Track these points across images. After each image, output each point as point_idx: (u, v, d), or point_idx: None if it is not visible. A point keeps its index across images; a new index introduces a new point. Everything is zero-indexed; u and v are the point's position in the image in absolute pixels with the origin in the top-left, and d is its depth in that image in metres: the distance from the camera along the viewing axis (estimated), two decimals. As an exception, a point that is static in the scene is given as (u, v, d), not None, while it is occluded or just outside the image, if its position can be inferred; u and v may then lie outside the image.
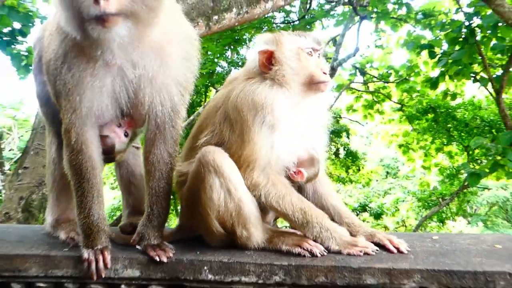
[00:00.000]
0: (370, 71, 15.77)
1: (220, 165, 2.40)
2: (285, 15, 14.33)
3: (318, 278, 2.25)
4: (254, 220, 2.46)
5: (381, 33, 15.66)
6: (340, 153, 16.63)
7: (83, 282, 2.42)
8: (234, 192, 2.41)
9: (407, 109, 15.35)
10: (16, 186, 5.74)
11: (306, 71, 2.59)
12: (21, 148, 16.49)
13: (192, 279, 2.34)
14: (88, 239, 2.45)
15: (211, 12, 6.60)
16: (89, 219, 2.45)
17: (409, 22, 13.21)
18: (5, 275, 2.42)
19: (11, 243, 2.58)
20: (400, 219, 19.33)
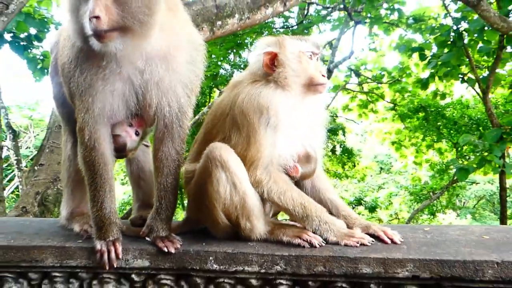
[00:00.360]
0: (365, 73, 15.76)
1: (226, 160, 2.41)
2: (284, 20, 14.32)
3: (316, 267, 2.25)
4: (257, 212, 2.46)
5: (374, 37, 15.63)
6: (336, 150, 16.61)
7: (96, 272, 2.42)
8: (239, 185, 2.41)
9: (399, 108, 15.32)
10: (33, 182, 5.74)
11: (306, 73, 2.60)
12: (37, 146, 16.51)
13: (198, 268, 2.34)
14: (101, 231, 2.45)
15: (215, 18, 6.59)
16: (101, 212, 2.46)
17: (400, 27, 13.20)
18: (23, 265, 2.42)
19: (28, 236, 2.58)
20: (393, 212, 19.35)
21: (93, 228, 2.50)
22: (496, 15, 7.57)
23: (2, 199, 10.87)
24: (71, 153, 2.91)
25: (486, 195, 21.12)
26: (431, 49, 10.66)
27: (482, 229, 2.67)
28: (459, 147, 13.92)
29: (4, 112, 12.45)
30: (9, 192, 16.89)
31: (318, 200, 2.68)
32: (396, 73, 14.66)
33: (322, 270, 2.24)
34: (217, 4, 6.61)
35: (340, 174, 17.57)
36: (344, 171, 17.62)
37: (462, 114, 14.12)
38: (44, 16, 9.88)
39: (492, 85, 9.96)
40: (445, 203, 18.34)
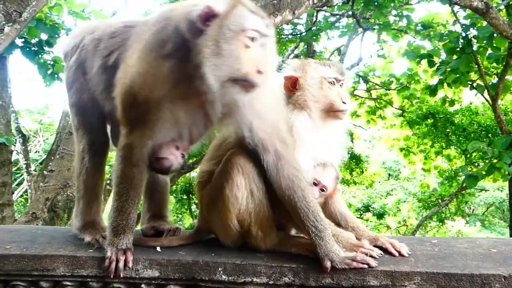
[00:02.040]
0: (373, 79, 15.77)
1: (247, 167, 2.46)
2: (293, 27, 14.36)
3: (324, 279, 2.27)
4: (270, 222, 2.50)
5: (383, 44, 15.64)
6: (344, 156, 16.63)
7: (106, 281, 2.46)
8: (256, 193, 2.47)
9: (408, 115, 15.30)
10: (43, 188, 5.81)
11: (326, 100, 2.67)
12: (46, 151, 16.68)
13: (207, 279, 2.37)
14: (117, 238, 2.47)
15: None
16: (126, 222, 2.49)
17: (409, 33, 13.21)
18: (35, 274, 2.46)
19: (41, 244, 2.62)
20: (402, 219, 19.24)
21: (108, 235, 2.53)
22: (505, 23, 7.57)
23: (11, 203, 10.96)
24: (89, 165, 2.93)
25: (496, 202, 20.93)
26: (439, 55, 10.65)
27: (489, 242, 2.67)
28: (468, 154, 13.86)
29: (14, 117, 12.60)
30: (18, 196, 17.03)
31: (328, 212, 2.71)
32: (405, 80, 14.64)
33: (330, 282, 2.26)
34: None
35: (348, 180, 17.55)
36: (352, 177, 17.60)
37: (471, 121, 14.07)
38: (55, 22, 10.01)
39: (501, 92, 9.93)
40: (454, 210, 18.23)
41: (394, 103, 15.87)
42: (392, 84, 15.19)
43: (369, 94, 16.14)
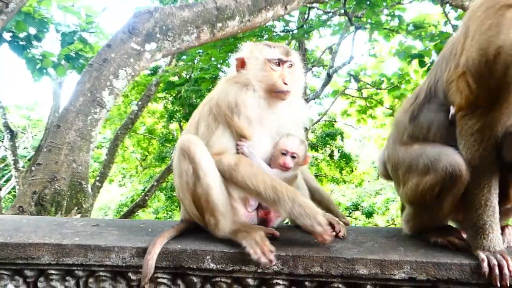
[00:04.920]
0: (364, 78, 15.80)
1: (193, 152, 2.48)
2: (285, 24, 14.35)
3: (313, 268, 2.25)
4: (222, 208, 2.48)
5: (374, 43, 15.70)
6: (334, 155, 16.65)
7: (91, 270, 2.42)
8: (203, 177, 2.46)
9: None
10: (30, 181, 5.71)
11: (268, 80, 2.71)
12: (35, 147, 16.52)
13: (195, 267, 2.34)
14: (487, 239, 2.25)
15: (215, 20, 6.61)
16: (493, 218, 2.26)
17: (400, 33, 13.25)
18: (19, 263, 2.42)
19: (25, 233, 2.58)
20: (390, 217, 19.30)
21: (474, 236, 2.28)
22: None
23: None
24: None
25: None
26: (431, 56, 10.69)
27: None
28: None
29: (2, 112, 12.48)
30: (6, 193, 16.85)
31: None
32: (395, 80, 14.70)
33: (319, 270, 2.25)
34: (218, 6, 6.63)
35: (337, 179, 17.58)
36: (342, 176, 17.64)
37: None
38: (44, 16, 9.90)
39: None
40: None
41: (384, 102, 15.92)
42: (383, 84, 15.23)
43: (360, 93, 16.18)
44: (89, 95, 5.84)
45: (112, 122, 16.75)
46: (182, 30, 6.40)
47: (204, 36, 6.60)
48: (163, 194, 17.17)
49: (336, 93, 15.49)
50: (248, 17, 6.97)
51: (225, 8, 6.69)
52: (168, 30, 6.28)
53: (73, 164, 5.79)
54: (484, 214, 2.24)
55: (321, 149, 16.57)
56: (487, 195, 2.25)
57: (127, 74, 6.13)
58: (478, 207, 2.25)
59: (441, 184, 2.28)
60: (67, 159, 5.74)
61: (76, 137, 5.76)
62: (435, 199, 2.34)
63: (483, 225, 2.24)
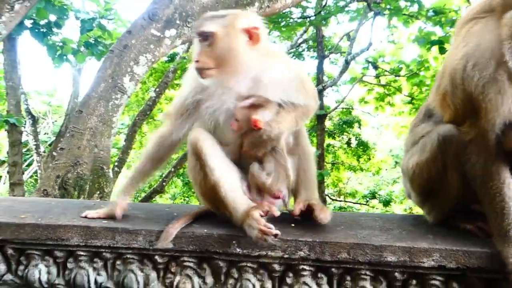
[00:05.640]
0: (382, 65, 15.60)
1: (199, 148, 2.43)
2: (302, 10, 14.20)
3: (340, 254, 2.23)
4: (232, 203, 2.41)
5: (393, 29, 15.45)
6: (351, 142, 16.54)
7: (119, 252, 2.43)
8: (210, 174, 2.42)
9: (417, 102, 15.15)
10: (53, 166, 5.79)
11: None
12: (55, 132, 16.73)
13: (221, 252, 2.34)
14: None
15: (234, 5, 6.55)
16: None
17: (420, 19, 13.01)
18: (49, 243, 2.45)
19: (55, 215, 2.60)
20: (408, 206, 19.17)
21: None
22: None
23: (22, 182, 11.06)
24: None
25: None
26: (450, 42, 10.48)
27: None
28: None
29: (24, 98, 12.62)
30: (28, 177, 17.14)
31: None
32: (414, 66, 14.48)
33: (346, 257, 2.23)
34: (238, -8, 6.58)
35: (354, 167, 17.50)
36: (359, 164, 17.54)
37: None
38: (64, 3, 9.94)
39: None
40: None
41: (403, 90, 15.72)
42: (402, 71, 15.03)
43: (378, 80, 16.00)
44: (110, 81, 5.87)
45: (130, 108, 16.86)
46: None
47: (223, 22, 6.55)
48: (180, 180, 17.30)
49: (353, 80, 15.34)
50: (268, 3, 6.90)
51: (245, -7, 6.64)
52: (188, 16, 6.25)
53: (95, 149, 5.85)
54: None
55: (338, 136, 16.49)
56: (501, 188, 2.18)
57: (147, 60, 6.14)
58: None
59: (439, 151, 2.33)
60: (89, 144, 5.80)
61: (98, 123, 5.81)
62: (440, 173, 2.36)
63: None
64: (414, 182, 2.55)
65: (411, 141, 2.66)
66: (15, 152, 10.75)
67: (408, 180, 2.61)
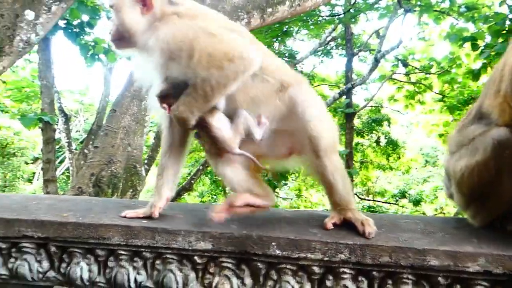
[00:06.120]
0: (412, 63, 15.34)
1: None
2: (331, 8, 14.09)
3: (382, 258, 2.19)
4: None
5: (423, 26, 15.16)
6: (380, 141, 16.33)
7: (159, 252, 2.45)
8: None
9: (448, 100, 14.83)
10: (88, 164, 5.91)
11: None
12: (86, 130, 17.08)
13: (260, 253, 2.33)
14: None
15: (265, 5, 6.55)
16: None
17: (452, 15, 12.73)
18: (91, 242, 2.49)
19: (96, 214, 2.64)
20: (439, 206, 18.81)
21: None
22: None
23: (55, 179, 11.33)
24: None
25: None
26: (484, 38, 10.22)
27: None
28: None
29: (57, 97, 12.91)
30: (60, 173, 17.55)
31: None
32: (446, 64, 14.17)
33: (388, 260, 2.19)
34: (268, -10, 6.56)
35: (384, 165, 17.26)
36: (389, 163, 17.30)
37: (515, 107, 13.52)
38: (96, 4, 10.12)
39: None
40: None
41: (434, 87, 15.42)
42: (432, 68, 14.74)
43: (408, 78, 15.73)
44: (143, 80, 5.95)
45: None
46: (233, 16, 6.37)
47: (254, 21, 6.55)
48: (208, 178, 17.41)
49: (383, 78, 15.12)
50: (298, 1, 6.86)
51: (276, -8, 6.61)
52: (220, 15, 6.27)
53: (128, 147, 5.95)
54: None
55: (367, 135, 16.29)
56: None
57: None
58: None
59: (494, 155, 2.24)
60: (122, 143, 5.90)
61: (131, 122, 5.91)
62: (494, 177, 2.28)
63: None
64: (462, 185, 2.47)
65: (458, 142, 2.58)
66: (49, 150, 11.02)
67: (455, 182, 2.54)
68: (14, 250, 2.58)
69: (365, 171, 17.40)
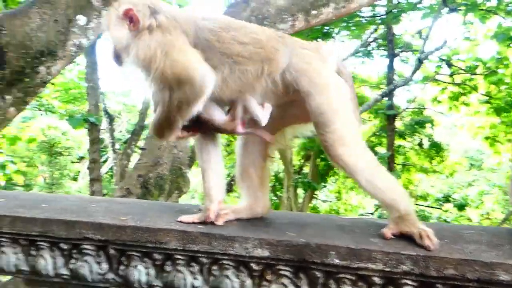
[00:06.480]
0: (457, 63, 14.88)
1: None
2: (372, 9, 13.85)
3: (447, 270, 2.11)
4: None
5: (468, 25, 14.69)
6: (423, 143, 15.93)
7: (215, 257, 2.45)
8: None
9: (495, 101, 14.29)
10: (136, 165, 6.03)
11: None
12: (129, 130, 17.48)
13: (319, 262, 2.29)
14: None
15: (310, 7, 6.49)
16: None
17: (499, 14, 12.28)
18: (149, 246, 2.51)
19: (152, 218, 2.67)
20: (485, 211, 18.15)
21: None
22: None
23: (100, 178, 11.65)
24: None
25: None
26: (533, 37, 9.81)
27: None
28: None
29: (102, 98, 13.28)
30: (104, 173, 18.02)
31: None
32: (493, 64, 13.68)
33: (453, 273, 2.10)
34: (313, -7, 6.50)
35: (426, 169, 16.82)
36: (432, 166, 16.85)
37: None
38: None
39: None
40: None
41: (479, 88, 14.90)
42: (478, 69, 14.25)
43: (452, 79, 15.27)
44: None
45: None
46: (277, 19, 6.35)
47: (299, 24, 6.50)
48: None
49: (426, 79, 14.74)
50: (344, 3, 6.75)
51: (320, -6, 6.55)
52: (264, 19, 6.25)
53: (174, 150, 6.03)
54: None
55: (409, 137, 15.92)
56: None
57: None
58: None
59: None
60: (168, 145, 5.98)
61: (177, 124, 5.98)
62: None
63: None
64: None
65: None
66: (94, 150, 11.34)
67: None
68: (75, 251, 2.64)
69: (407, 174, 16.99)
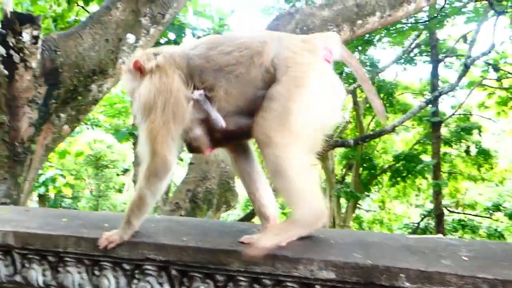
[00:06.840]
0: (504, 67, 14.34)
1: None
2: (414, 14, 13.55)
3: (529, 296, 1.98)
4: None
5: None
6: (470, 150, 15.37)
7: (279, 279, 2.41)
8: None
9: (546, 106, 13.67)
10: (184, 180, 6.08)
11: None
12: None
13: (388, 285, 2.20)
14: None
15: (355, 17, 6.43)
16: None
17: (548, 15, 11.76)
18: (211, 267, 2.50)
19: (213, 239, 2.66)
20: (539, 221, 17.30)
21: None
22: None
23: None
24: None
25: None
26: None
27: None
28: None
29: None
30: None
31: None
32: (543, 67, 13.10)
33: (537, 299, 1.97)
34: (358, 3, 6.43)
35: (474, 176, 16.20)
36: (480, 174, 16.22)
37: None
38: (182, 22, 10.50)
39: None
40: None
41: (529, 93, 14.30)
42: (528, 72, 13.68)
43: (500, 83, 14.71)
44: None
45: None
46: (323, 30, 6.30)
47: (344, 34, 6.43)
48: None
49: (472, 85, 14.26)
50: (389, 12, 6.65)
51: (365, 4, 6.47)
52: (309, 30, 6.22)
53: (222, 163, 6.04)
54: None
55: (456, 144, 15.40)
56: None
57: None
58: None
59: None
60: (216, 159, 6.01)
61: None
62: None
63: None
64: None
65: None
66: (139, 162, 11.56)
67: None
68: (138, 271, 2.66)
69: (453, 182, 16.40)
